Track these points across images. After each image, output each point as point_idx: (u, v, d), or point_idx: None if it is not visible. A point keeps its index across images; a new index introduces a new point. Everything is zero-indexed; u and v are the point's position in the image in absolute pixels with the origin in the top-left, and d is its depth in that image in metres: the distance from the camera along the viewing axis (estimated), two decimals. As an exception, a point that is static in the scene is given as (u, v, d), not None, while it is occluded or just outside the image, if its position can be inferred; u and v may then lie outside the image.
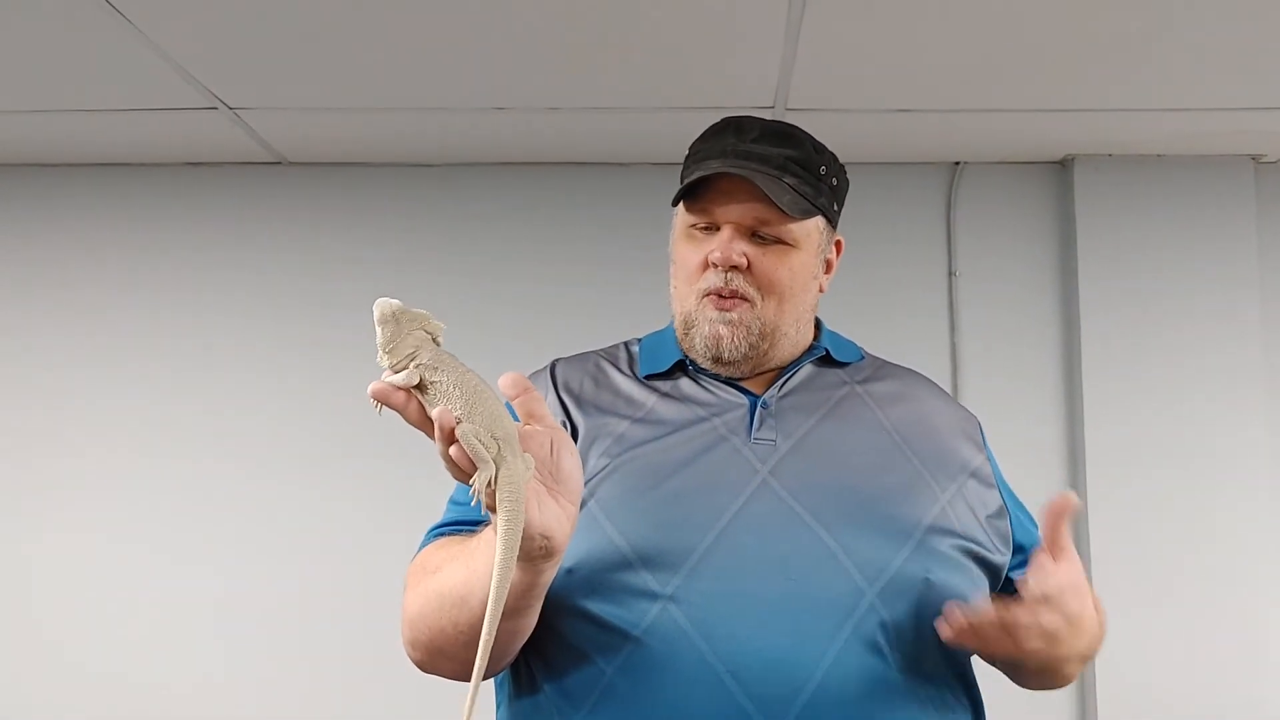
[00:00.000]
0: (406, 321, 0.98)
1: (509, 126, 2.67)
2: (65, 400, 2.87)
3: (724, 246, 1.27)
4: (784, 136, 1.32)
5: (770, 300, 1.29)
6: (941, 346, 2.84)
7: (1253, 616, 2.63)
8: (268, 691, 2.76)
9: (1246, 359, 2.73)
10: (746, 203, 1.27)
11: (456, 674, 1.16)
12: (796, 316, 1.34)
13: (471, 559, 1.08)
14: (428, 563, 1.18)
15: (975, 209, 2.89)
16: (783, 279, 1.30)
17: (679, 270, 1.34)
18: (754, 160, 1.27)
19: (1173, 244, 2.77)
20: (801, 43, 2.19)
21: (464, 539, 1.15)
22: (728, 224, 1.28)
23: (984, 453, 1.36)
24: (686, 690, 1.09)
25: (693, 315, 1.31)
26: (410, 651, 1.19)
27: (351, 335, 2.88)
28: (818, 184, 1.31)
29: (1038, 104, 2.51)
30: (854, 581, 1.14)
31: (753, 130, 1.31)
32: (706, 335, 1.29)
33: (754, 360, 1.31)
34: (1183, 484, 2.68)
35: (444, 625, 1.11)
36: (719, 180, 1.28)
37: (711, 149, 1.31)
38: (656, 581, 1.13)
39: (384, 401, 0.98)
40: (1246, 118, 2.57)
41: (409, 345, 0.99)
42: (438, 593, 1.12)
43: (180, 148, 2.84)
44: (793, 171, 1.28)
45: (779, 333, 1.32)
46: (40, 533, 2.82)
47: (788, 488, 1.20)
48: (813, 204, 1.30)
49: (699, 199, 1.30)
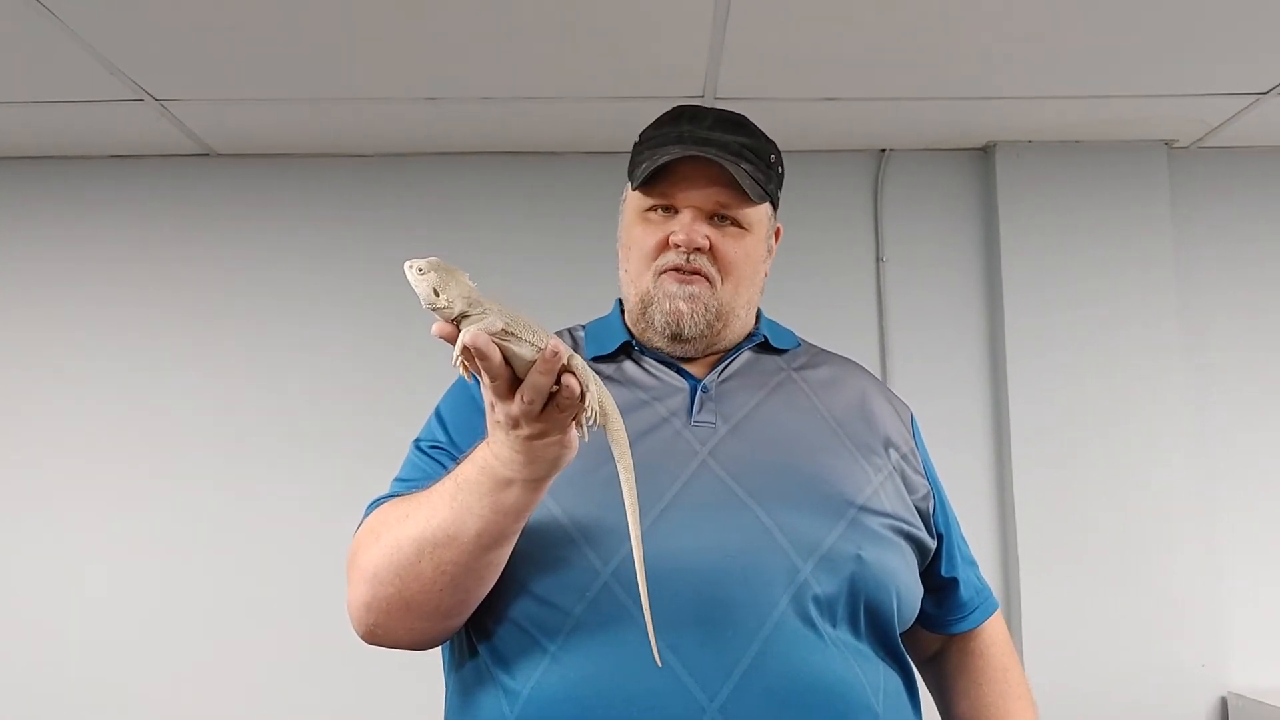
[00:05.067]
0: (446, 271, 0.97)
1: (440, 117, 2.67)
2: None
3: (687, 228, 1.31)
4: (738, 125, 1.37)
5: (729, 282, 1.34)
6: (870, 330, 2.89)
7: (1170, 578, 2.73)
8: (240, 691, 2.74)
9: (1163, 335, 2.82)
10: (707, 187, 1.32)
11: (415, 634, 1.18)
12: (748, 299, 1.38)
13: (454, 499, 1.08)
14: (386, 519, 1.17)
15: (902, 195, 2.95)
16: (740, 261, 1.34)
17: (633, 252, 1.37)
18: (714, 146, 1.31)
19: (1091, 226, 2.86)
20: (729, 32, 2.22)
21: (421, 493, 1.16)
22: (689, 207, 1.32)
23: (914, 440, 1.41)
24: (626, 665, 1.12)
25: (650, 293, 1.33)
26: (364, 616, 1.18)
27: (283, 325, 2.87)
28: (768, 171, 1.36)
29: (960, 92, 2.57)
30: (789, 558, 1.17)
31: (707, 118, 1.36)
32: (667, 311, 1.32)
33: (709, 339, 1.35)
34: (1104, 455, 2.77)
35: (423, 570, 1.11)
36: (678, 165, 1.31)
37: (667, 135, 1.34)
38: (599, 558, 1.15)
39: (482, 351, 0.94)
40: (1160, 104, 2.65)
41: (463, 290, 0.96)
42: (414, 538, 1.11)
43: (106, 140, 2.80)
44: (747, 158, 1.33)
45: (733, 314, 1.36)
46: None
47: (726, 468, 1.23)
48: (764, 190, 1.35)
49: (659, 183, 1.33)
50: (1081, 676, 2.69)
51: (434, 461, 1.28)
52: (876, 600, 1.23)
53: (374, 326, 2.86)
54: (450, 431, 1.31)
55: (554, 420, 1.00)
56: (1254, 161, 2.95)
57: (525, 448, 1.02)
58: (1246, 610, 2.81)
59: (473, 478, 1.07)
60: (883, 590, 1.23)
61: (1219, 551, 2.82)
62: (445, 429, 1.32)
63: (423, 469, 1.28)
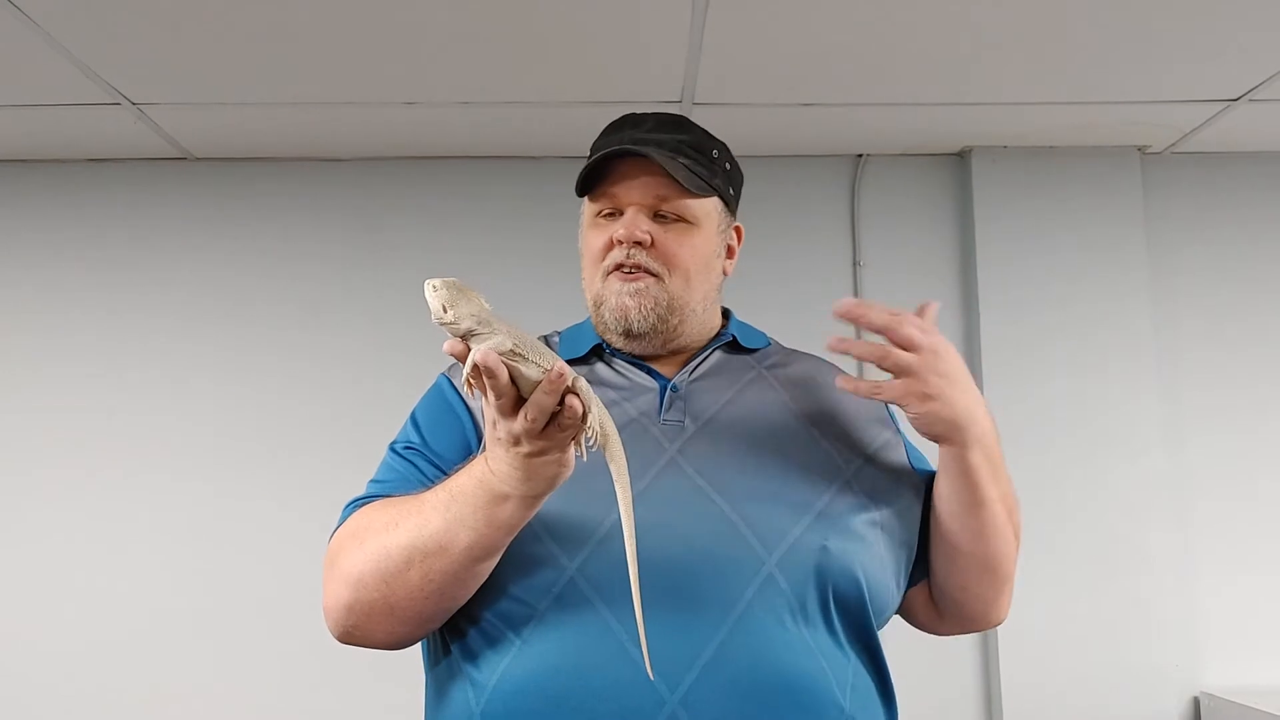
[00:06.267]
0: (459, 291, 1.02)
1: (418, 121, 2.67)
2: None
3: (627, 224, 1.33)
4: (676, 124, 1.39)
5: (677, 276, 1.35)
6: (847, 334, 2.88)
7: (1142, 580, 2.76)
8: (224, 691, 2.73)
9: (1137, 337, 2.85)
10: (645, 183, 1.34)
11: (393, 637, 1.19)
12: (703, 295, 1.39)
13: (447, 510, 1.10)
14: (371, 524, 1.18)
15: (878, 200, 2.97)
16: (684, 255, 1.36)
17: (586, 258, 1.40)
18: (651, 145, 1.34)
19: (1065, 230, 2.89)
20: (706, 38, 2.23)
21: (409, 498, 1.17)
22: (630, 205, 1.34)
23: (892, 427, 1.42)
24: (588, 657, 1.13)
25: (600, 293, 1.36)
26: (344, 618, 1.19)
27: (261, 328, 2.86)
28: (711, 165, 1.38)
29: (937, 98, 2.59)
30: (754, 552, 1.18)
31: (647, 122, 1.38)
32: (614, 308, 1.34)
33: (664, 335, 1.36)
34: (1077, 456, 2.80)
35: (410, 578, 1.12)
36: (619, 166, 1.34)
37: (610, 141, 1.37)
38: (565, 554, 1.17)
39: (490, 369, 0.97)
40: (1133, 110, 2.68)
41: (473, 309, 1.01)
42: (404, 546, 1.12)
43: (83, 144, 2.79)
44: (685, 153, 1.35)
45: (687, 309, 1.37)
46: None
47: (694, 465, 1.25)
48: (708, 184, 1.36)
49: (601, 186, 1.36)
50: (1055, 678, 2.72)
51: (408, 463, 1.29)
52: (844, 592, 1.23)
53: (353, 329, 2.86)
54: (424, 433, 1.32)
55: (555, 439, 1.02)
56: (1225, 166, 2.99)
57: (524, 465, 1.04)
58: (1218, 611, 2.84)
59: (468, 490, 1.09)
60: (849, 581, 1.23)
61: (1191, 553, 2.85)
62: (419, 431, 1.33)
63: (398, 471, 1.29)
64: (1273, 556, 2.86)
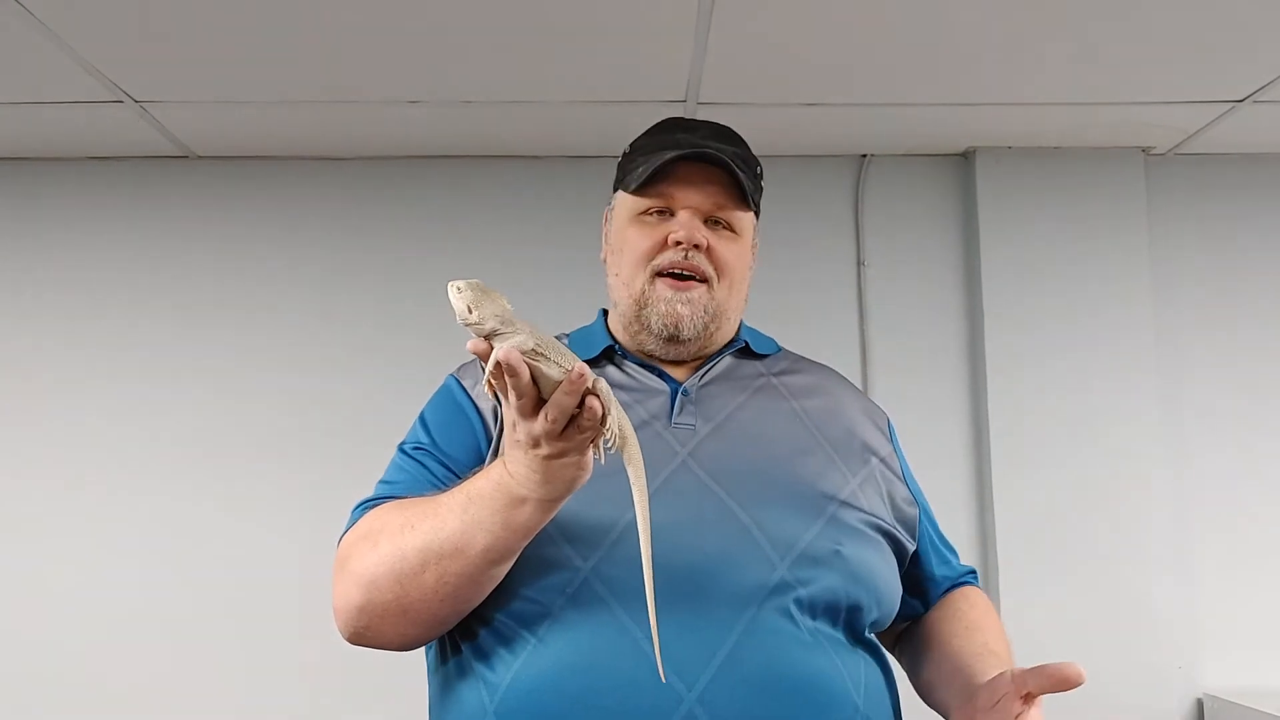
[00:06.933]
0: (482, 292, 1.02)
1: (423, 120, 2.67)
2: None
3: (688, 226, 1.35)
4: (729, 136, 1.42)
5: (724, 282, 1.38)
6: (851, 335, 2.90)
7: (1145, 581, 2.75)
8: (218, 696, 2.72)
9: (1140, 342, 2.84)
10: (706, 188, 1.35)
11: (405, 639, 1.20)
12: (738, 304, 1.43)
13: (464, 512, 1.10)
14: (385, 525, 1.18)
15: (882, 200, 2.97)
16: (733, 263, 1.39)
17: (626, 255, 1.39)
18: (712, 152, 1.36)
19: (1069, 230, 2.88)
20: (712, 37, 2.23)
21: (423, 500, 1.17)
22: (686, 208, 1.36)
23: (891, 444, 1.44)
24: (606, 659, 1.13)
25: (646, 294, 1.37)
26: (356, 619, 1.18)
27: (261, 331, 2.86)
28: (756, 180, 1.42)
29: (941, 98, 2.59)
30: (767, 555, 1.19)
31: (700, 129, 1.41)
32: (664, 314, 1.35)
33: (703, 341, 1.39)
34: (1081, 458, 2.79)
35: (425, 580, 1.12)
36: (675, 169, 1.35)
37: (663, 141, 1.39)
38: (578, 555, 1.18)
39: (512, 366, 0.97)
40: (1137, 111, 2.67)
41: (497, 309, 1.01)
42: (419, 548, 1.12)
43: (85, 142, 2.78)
44: (740, 167, 1.37)
45: (725, 316, 1.40)
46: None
47: (706, 468, 1.26)
48: (754, 199, 1.40)
49: (657, 185, 1.36)
50: (1059, 679, 2.71)
51: (418, 464, 1.30)
52: (855, 596, 1.24)
53: (355, 331, 2.86)
54: (433, 433, 1.33)
55: (574, 441, 1.02)
56: (1229, 168, 2.98)
57: (543, 467, 1.04)
58: (1221, 612, 2.83)
59: (486, 493, 1.09)
60: (862, 586, 1.25)
61: (1194, 554, 2.84)
62: (428, 431, 1.34)
63: (408, 471, 1.30)
64: (1277, 557, 2.86)
